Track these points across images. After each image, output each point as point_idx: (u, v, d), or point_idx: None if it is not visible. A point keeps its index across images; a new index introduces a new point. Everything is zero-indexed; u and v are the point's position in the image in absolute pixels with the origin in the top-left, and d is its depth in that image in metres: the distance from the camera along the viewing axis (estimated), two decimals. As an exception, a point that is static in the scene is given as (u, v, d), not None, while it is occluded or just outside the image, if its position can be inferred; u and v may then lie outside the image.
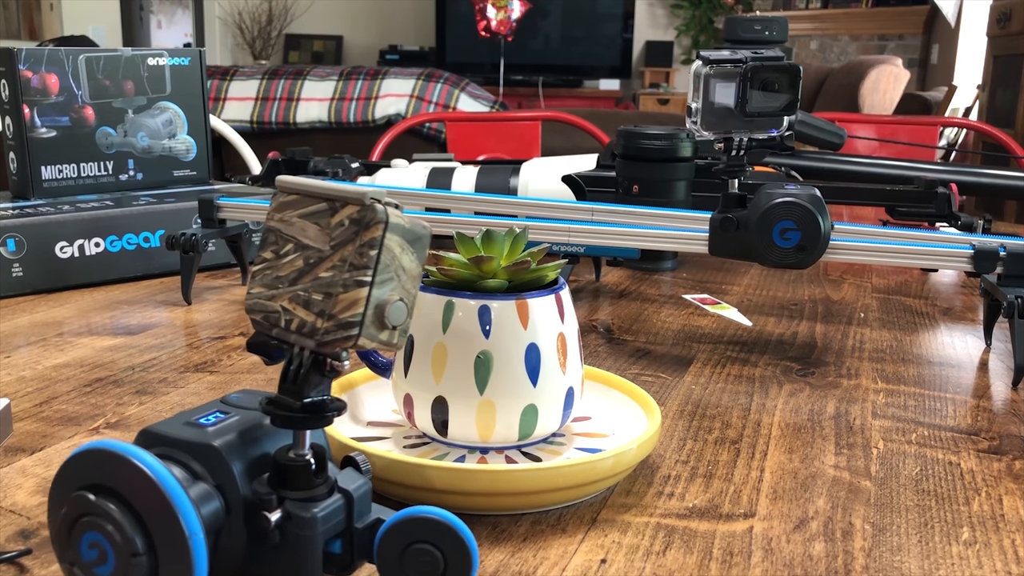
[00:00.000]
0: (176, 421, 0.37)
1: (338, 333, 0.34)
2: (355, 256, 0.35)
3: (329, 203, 0.36)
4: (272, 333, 0.37)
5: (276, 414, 0.36)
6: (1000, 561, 0.46)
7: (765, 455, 0.58)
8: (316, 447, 0.37)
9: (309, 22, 7.06)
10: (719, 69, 0.74)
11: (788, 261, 0.75)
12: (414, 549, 0.37)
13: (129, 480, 0.34)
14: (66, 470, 0.35)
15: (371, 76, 2.83)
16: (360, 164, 1.22)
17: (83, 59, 1.05)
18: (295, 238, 0.36)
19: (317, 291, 0.35)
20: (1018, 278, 0.74)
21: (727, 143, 0.77)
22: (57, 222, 0.94)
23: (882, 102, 4.46)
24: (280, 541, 0.36)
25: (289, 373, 0.36)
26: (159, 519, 0.33)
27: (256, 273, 0.37)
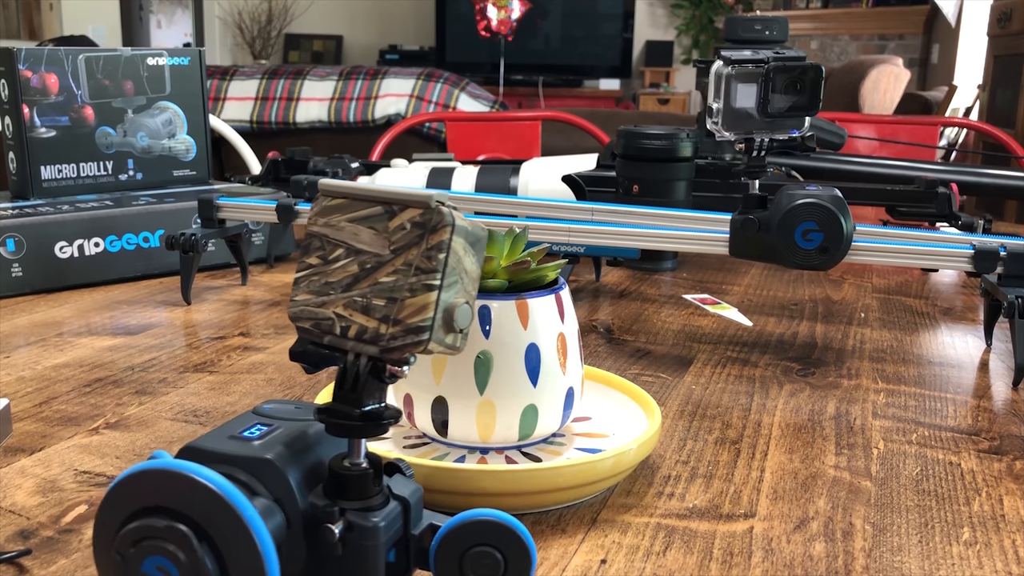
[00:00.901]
0: (218, 436, 0.36)
1: (407, 338, 0.34)
2: (422, 260, 0.34)
3: (385, 207, 0.35)
4: (324, 341, 0.36)
5: (333, 423, 0.35)
6: (1000, 561, 0.46)
7: (765, 455, 0.58)
8: (371, 455, 0.36)
9: (309, 22, 7.06)
10: (740, 69, 0.74)
11: (811, 263, 0.74)
12: (475, 552, 0.37)
13: (196, 501, 0.32)
14: (119, 491, 0.34)
15: (371, 76, 2.83)
16: (360, 164, 1.22)
17: (83, 59, 1.05)
18: (346, 243, 0.36)
19: (378, 296, 0.35)
20: (1018, 278, 0.74)
21: (748, 144, 0.76)
22: (57, 222, 0.94)
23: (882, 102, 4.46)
24: (343, 553, 0.35)
25: (345, 381, 0.35)
26: (232, 540, 0.32)
27: (301, 280, 0.36)
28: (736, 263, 1.15)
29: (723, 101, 0.75)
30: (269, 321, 0.85)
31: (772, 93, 0.73)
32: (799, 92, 0.73)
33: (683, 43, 6.80)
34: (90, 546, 0.45)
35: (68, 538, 0.46)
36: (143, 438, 0.58)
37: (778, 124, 0.75)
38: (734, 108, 0.74)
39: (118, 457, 0.55)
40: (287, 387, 0.68)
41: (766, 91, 0.73)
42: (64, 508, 0.49)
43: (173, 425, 0.60)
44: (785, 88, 0.73)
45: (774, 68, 0.73)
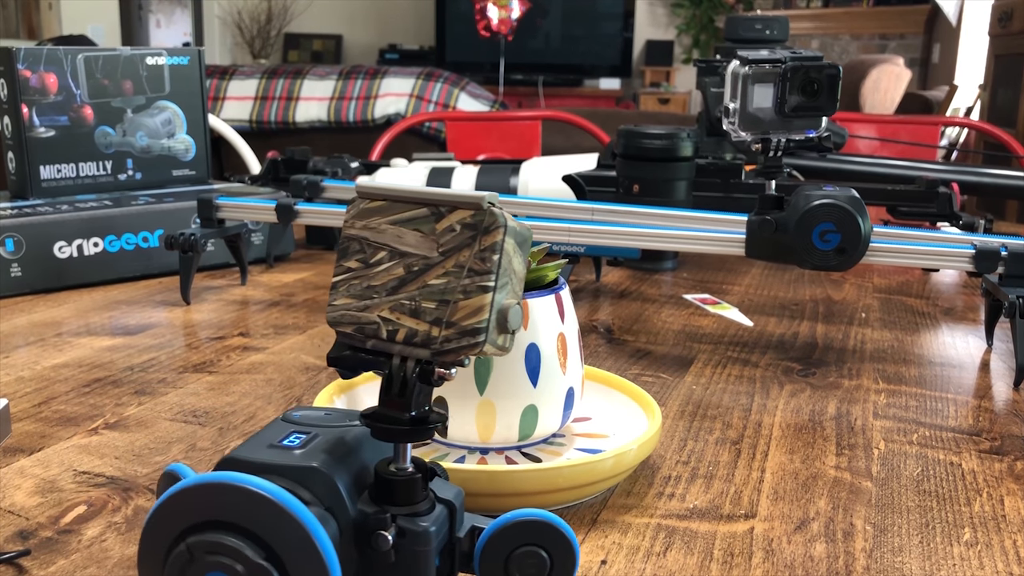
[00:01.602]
0: (256, 446, 0.36)
1: (462, 340, 0.33)
2: (475, 261, 0.34)
3: (432, 208, 0.35)
4: (367, 345, 0.35)
5: (381, 428, 0.35)
6: (1001, 562, 0.46)
7: (766, 456, 0.58)
8: (417, 459, 0.36)
9: (308, 21, 7.06)
10: (757, 70, 0.73)
11: (828, 264, 0.73)
12: (521, 552, 0.37)
13: (257, 513, 0.32)
14: (170, 507, 0.33)
15: (371, 75, 2.83)
16: (360, 164, 1.22)
17: (82, 58, 1.05)
18: (389, 245, 0.35)
19: (428, 299, 0.34)
20: (1019, 278, 0.73)
21: (764, 144, 0.76)
22: (56, 222, 0.94)
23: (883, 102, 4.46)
24: (395, 560, 0.35)
25: (392, 385, 0.35)
26: (296, 553, 0.32)
27: (339, 284, 0.36)
28: (736, 263, 1.14)
29: (740, 101, 0.74)
30: (268, 321, 0.85)
31: (789, 93, 0.72)
32: (816, 92, 0.72)
33: (683, 42, 6.80)
34: (89, 546, 0.45)
35: (67, 538, 0.46)
36: (142, 438, 0.58)
37: (794, 124, 0.74)
38: (751, 108, 0.74)
39: (117, 457, 0.55)
40: (286, 387, 0.68)
41: (783, 91, 0.73)
42: (63, 508, 0.49)
43: (172, 425, 0.60)
44: (802, 88, 0.72)
45: (791, 68, 0.72)
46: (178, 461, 0.55)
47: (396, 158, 1.27)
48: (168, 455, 0.56)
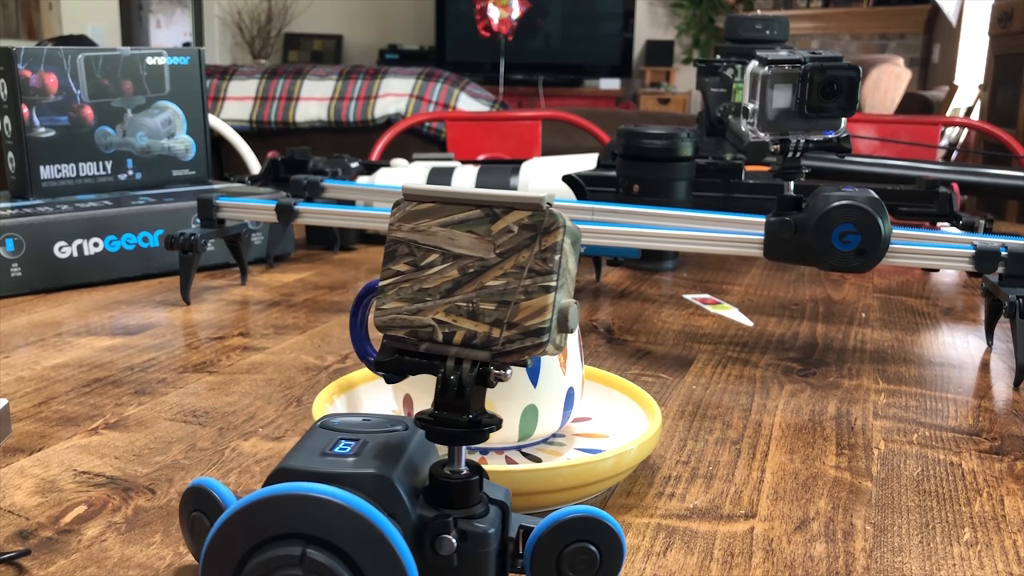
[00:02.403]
0: (307, 455, 0.35)
1: (526, 341, 0.33)
2: (536, 262, 0.34)
3: (486, 210, 0.35)
4: (420, 349, 0.35)
5: (439, 431, 0.35)
6: (1001, 562, 0.46)
7: (766, 456, 0.58)
8: (470, 461, 0.36)
9: (308, 21, 7.06)
10: (777, 70, 0.73)
11: (849, 265, 0.73)
12: (572, 549, 0.37)
13: (337, 525, 0.31)
14: (239, 521, 0.32)
15: (371, 75, 2.82)
16: (360, 164, 1.22)
17: (82, 58, 1.05)
18: (441, 248, 0.35)
19: (487, 300, 0.34)
20: (1019, 278, 0.73)
21: (783, 145, 0.75)
22: (56, 222, 0.94)
23: (883, 101, 4.46)
24: (457, 563, 0.35)
25: (448, 388, 0.35)
26: (377, 564, 0.31)
27: (388, 288, 0.36)
28: (736, 263, 1.14)
29: (759, 102, 0.74)
30: (268, 321, 0.85)
31: (809, 94, 0.72)
32: (835, 93, 0.72)
33: (683, 43, 6.80)
34: (89, 546, 0.45)
35: (67, 538, 0.46)
36: (142, 438, 0.58)
37: (814, 125, 0.74)
38: (770, 109, 0.74)
39: (117, 457, 0.55)
40: (287, 387, 0.68)
41: (803, 92, 0.72)
42: (63, 508, 0.49)
43: (172, 425, 0.60)
44: (821, 89, 0.72)
45: (811, 68, 0.72)
46: (177, 459, 0.55)
47: (396, 158, 1.27)
48: (168, 455, 0.56)
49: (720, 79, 1.12)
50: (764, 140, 0.75)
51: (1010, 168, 1.34)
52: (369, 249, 1.19)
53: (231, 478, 0.53)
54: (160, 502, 0.50)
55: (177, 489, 0.51)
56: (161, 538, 0.46)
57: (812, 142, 0.75)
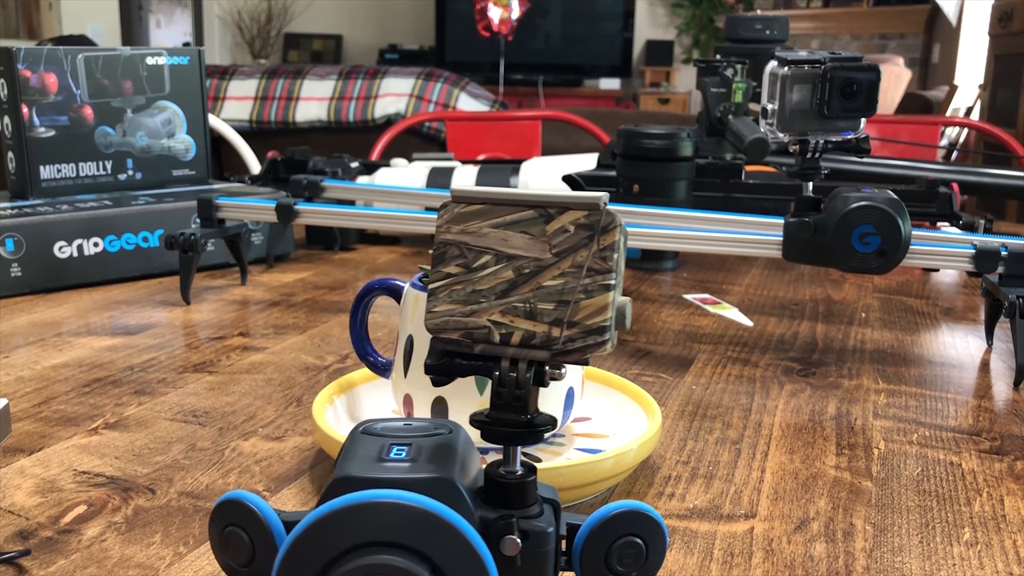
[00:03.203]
0: (363, 462, 0.34)
1: (587, 339, 0.34)
2: (595, 261, 0.34)
3: (539, 210, 0.35)
4: (476, 350, 0.35)
5: (497, 431, 0.35)
6: (1001, 562, 0.46)
7: (766, 456, 0.58)
8: (524, 461, 0.36)
9: (308, 21, 7.06)
10: (796, 70, 0.73)
11: (869, 266, 0.73)
12: (620, 544, 0.37)
13: (421, 532, 0.31)
14: (318, 530, 0.31)
15: (370, 75, 2.82)
16: (360, 164, 1.22)
17: (82, 58, 1.05)
18: (493, 249, 0.35)
19: (544, 300, 0.34)
20: (1019, 278, 0.73)
21: (802, 145, 0.75)
22: (56, 222, 0.94)
23: (883, 101, 4.46)
24: (520, 563, 0.35)
25: (506, 389, 0.35)
26: (461, 569, 0.31)
27: (439, 290, 0.35)
28: (736, 263, 1.14)
29: (778, 102, 0.74)
30: (268, 321, 0.85)
31: (828, 94, 0.72)
32: (855, 93, 0.72)
33: (683, 42, 6.80)
34: (89, 546, 0.45)
35: (67, 538, 0.46)
36: (142, 438, 0.58)
37: (833, 126, 0.74)
38: (789, 109, 0.73)
39: (117, 457, 0.55)
40: (286, 387, 0.68)
41: (822, 92, 0.72)
42: (63, 508, 0.49)
43: (172, 425, 0.60)
44: (841, 89, 0.72)
45: (831, 68, 0.72)
46: (177, 459, 0.55)
47: (396, 158, 1.27)
48: (168, 455, 0.56)
49: (720, 79, 1.12)
50: (783, 140, 0.75)
51: (1010, 168, 1.34)
52: (369, 249, 1.19)
53: (231, 478, 0.53)
54: (160, 502, 0.50)
55: (177, 489, 0.51)
56: (161, 538, 0.46)
57: (831, 143, 0.75)
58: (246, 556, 0.36)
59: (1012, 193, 1.25)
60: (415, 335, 0.52)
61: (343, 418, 0.56)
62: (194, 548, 0.45)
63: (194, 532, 0.47)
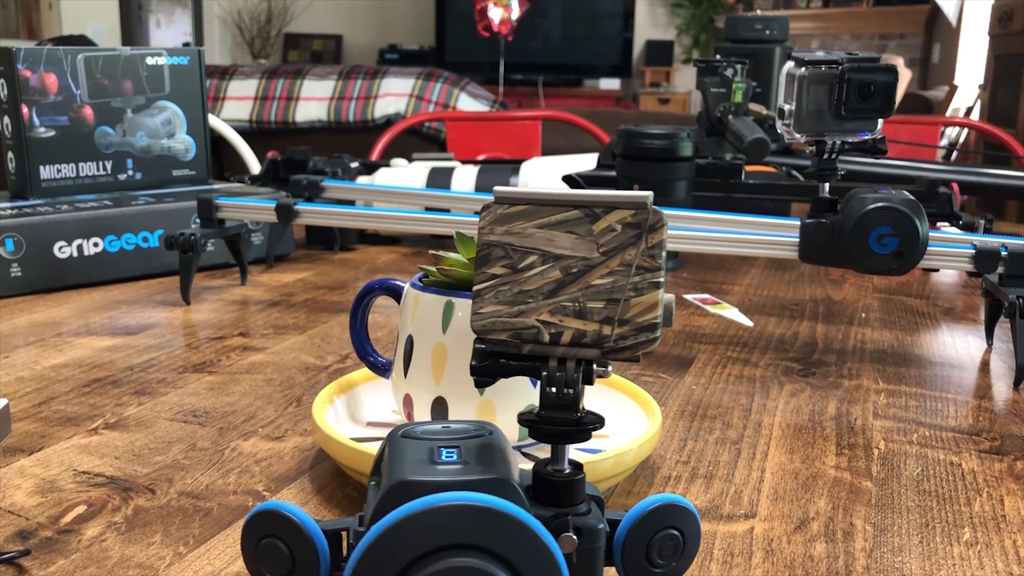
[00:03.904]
0: (417, 466, 0.34)
1: (639, 337, 0.34)
2: (644, 259, 0.35)
3: (585, 210, 0.35)
4: (524, 351, 0.35)
5: (548, 430, 0.35)
6: (1001, 562, 0.46)
7: (766, 456, 0.58)
8: (571, 459, 0.37)
9: (308, 21, 7.06)
10: (814, 71, 0.73)
11: (887, 268, 0.72)
12: (660, 537, 0.38)
13: (499, 533, 0.31)
14: (397, 533, 0.31)
15: (370, 75, 2.82)
16: (360, 164, 1.22)
17: (82, 58, 1.05)
18: (539, 249, 0.35)
19: (594, 299, 0.35)
20: (1019, 278, 0.73)
21: (819, 146, 0.75)
22: (56, 222, 0.94)
23: (882, 101, 4.45)
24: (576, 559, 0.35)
25: (554, 388, 0.35)
26: (540, 572, 0.32)
27: (485, 291, 0.36)
28: (736, 263, 1.14)
29: (796, 103, 0.73)
30: (268, 321, 0.85)
31: (846, 95, 0.72)
32: (872, 94, 0.72)
33: (683, 42, 6.80)
34: (89, 546, 0.45)
35: (67, 538, 0.46)
36: (142, 438, 0.58)
37: (850, 126, 0.74)
38: (806, 110, 0.73)
39: (117, 457, 0.55)
40: (286, 387, 0.68)
41: (840, 93, 0.72)
42: (63, 508, 0.49)
43: (172, 425, 0.60)
44: (859, 90, 0.71)
45: (848, 69, 0.72)
46: (177, 459, 0.55)
47: (396, 158, 1.27)
48: (168, 455, 0.56)
49: (720, 79, 1.12)
50: (800, 140, 0.75)
51: (1010, 168, 1.34)
52: (369, 249, 1.19)
53: (231, 478, 0.53)
54: (160, 502, 0.50)
55: (177, 489, 0.51)
56: (161, 538, 0.46)
57: (848, 143, 0.74)
58: (285, 568, 0.36)
59: (1012, 193, 1.25)
60: (415, 335, 0.52)
61: (343, 418, 0.56)
62: (194, 548, 0.45)
63: (194, 532, 0.47)
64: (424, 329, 0.51)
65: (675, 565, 0.38)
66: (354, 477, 0.51)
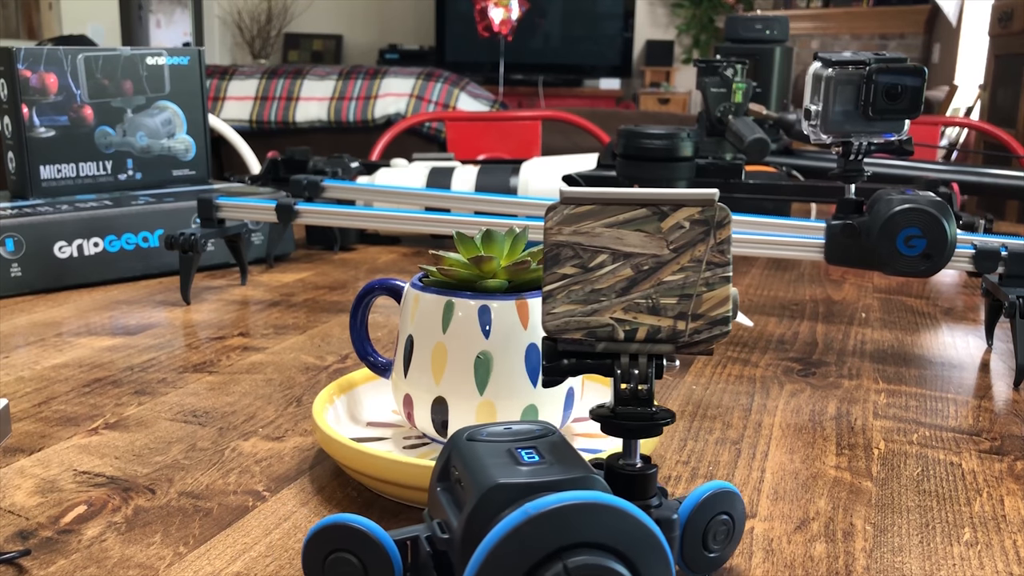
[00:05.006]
0: (505, 468, 0.34)
1: (713, 330, 0.35)
2: (713, 254, 0.35)
3: (652, 208, 0.36)
4: (599, 348, 0.36)
5: (619, 425, 0.36)
6: (1001, 562, 0.46)
7: (766, 456, 0.58)
8: (641, 453, 0.37)
9: (308, 21, 7.06)
10: (841, 71, 0.72)
11: (916, 270, 0.72)
12: (714, 522, 0.40)
13: (624, 533, 0.32)
14: (527, 531, 0.31)
15: (371, 75, 2.82)
16: (360, 164, 1.22)
17: (82, 58, 1.05)
18: (609, 248, 0.36)
19: (667, 295, 0.35)
20: (1019, 278, 0.73)
21: (845, 147, 0.75)
22: (56, 222, 0.94)
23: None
24: None
25: (631, 384, 0.36)
26: (655, 570, 0.32)
27: (557, 291, 0.36)
28: (736, 263, 1.14)
29: (822, 103, 0.73)
30: (268, 321, 0.85)
31: (873, 96, 0.72)
32: (899, 95, 0.71)
33: (683, 43, 6.80)
34: (89, 546, 0.45)
35: (67, 538, 0.46)
36: (142, 438, 0.58)
37: (876, 127, 0.73)
38: (833, 111, 0.73)
39: (117, 457, 0.55)
40: (286, 387, 0.68)
41: (867, 93, 0.72)
42: (63, 508, 0.49)
43: (172, 425, 0.60)
44: (886, 91, 0.71)
45: (876, 70, 0.71)
46: (177, 459, 0.55)
47: (396, 158, 1.27)
48: (168, 455, 0.56)
49: (720, 79, 1.12)
50: (826, 141, 0.74)
51: (1010, 168, 1.34)
52: (369, 249, 1.19)
53: (231, 478, 0.53)
54: (160, 502, 0.50)
55: (177, 489, 0.51)
56: (161, 538, 0.46)
57: (874, 144, 0.74)
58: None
59: (1012, 193, 1.25)
60: (415, 335, 0.52)
61: (343, 418, 0.56)
62: (194, 548, 0.45)
63: (194, 532, 0.47)
64: (424, 329, 0.51)
65: (726, 550, 0.40)
66: (354, 477, 0.51)
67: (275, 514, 0.48)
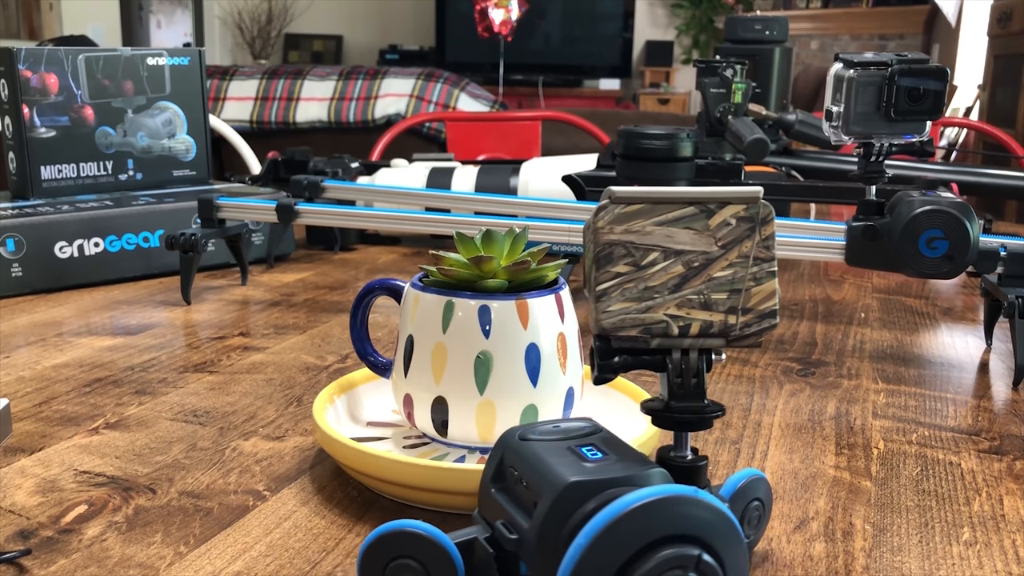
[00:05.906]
0: (572, 466, 0.35)
1: (762, 323, 0.36)
2: (759, 250, 0.37)
3: (700, 206, 0.37)
4: (653, 344, 0.37)
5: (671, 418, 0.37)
6: (1001, 561, 0.46)
7: (765, 455, 0.58)
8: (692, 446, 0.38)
9: (309, 22, 7.06)
10: (863, 72, 0.72)
11: (938, 271, 0.72)
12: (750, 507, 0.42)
13: (712, 526, 0.32)
14: (627, 523, 0.32)
15: (371, 76, 2.83)
16: (360, 164, 1.22)
17: (82, 59, 1.05)
18: (660, 246, 0.37)
19: (717, 291, 0.36)
20: (1019, 278, 0.74)
21: (867, 148, 0.74)
22: (56, 222, 0.94)
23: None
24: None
25: (684, 378, 0.37)
26: (733, 556, 0.33)
27: (611, 289, 0.37)
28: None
29: (844, 104, 0.73)
30: (269, 321, 0.85)
31: (895, 97, 0.71)
32: (922, 96, 0.71)
33: (683, 43, 6.80)
34: (90, 546, 0.45)
35: (68, 538, 0.46)
36: (143, 438, 0.58)
37: (898, 128, 0.73)
38: (854, 112, 0.73)
39: (118, 457, 0.55)
40: (287, 387, 0.68)
41: (889, 94, 0.72)
42: (64, 508, 0.49)
43: (173, 425, 0.60)
44: (908, 92, 0.71)
45: (898, 71, 0.71)
46: (177, 459, 0.55)
47: (396, 158, 1.27)
48: (169, 455, 0.56)
49: (720, 79, 1.12)
50: (847, 142, 0.74)
51: (1010, 168, 1.34)
52: (369, 249, 1.19)
53: (232, 478, 0.53)
54: (160, 502, 0.50)
55: (178, 489, 0.51)
56: (161, 538, 0.46)
57: (896, 145, 0.74)
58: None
59: (1012, 193, 1.25)
60: (415, 335, 0.52)
61: (343, 418, 0.56)
62: (194, 548, 0.45)
63: (195, 532, 0.47)
64: (424, 329, 0.51)
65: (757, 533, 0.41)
66: (355, 477, 0.51)
67: (275, 514, 0.49)
